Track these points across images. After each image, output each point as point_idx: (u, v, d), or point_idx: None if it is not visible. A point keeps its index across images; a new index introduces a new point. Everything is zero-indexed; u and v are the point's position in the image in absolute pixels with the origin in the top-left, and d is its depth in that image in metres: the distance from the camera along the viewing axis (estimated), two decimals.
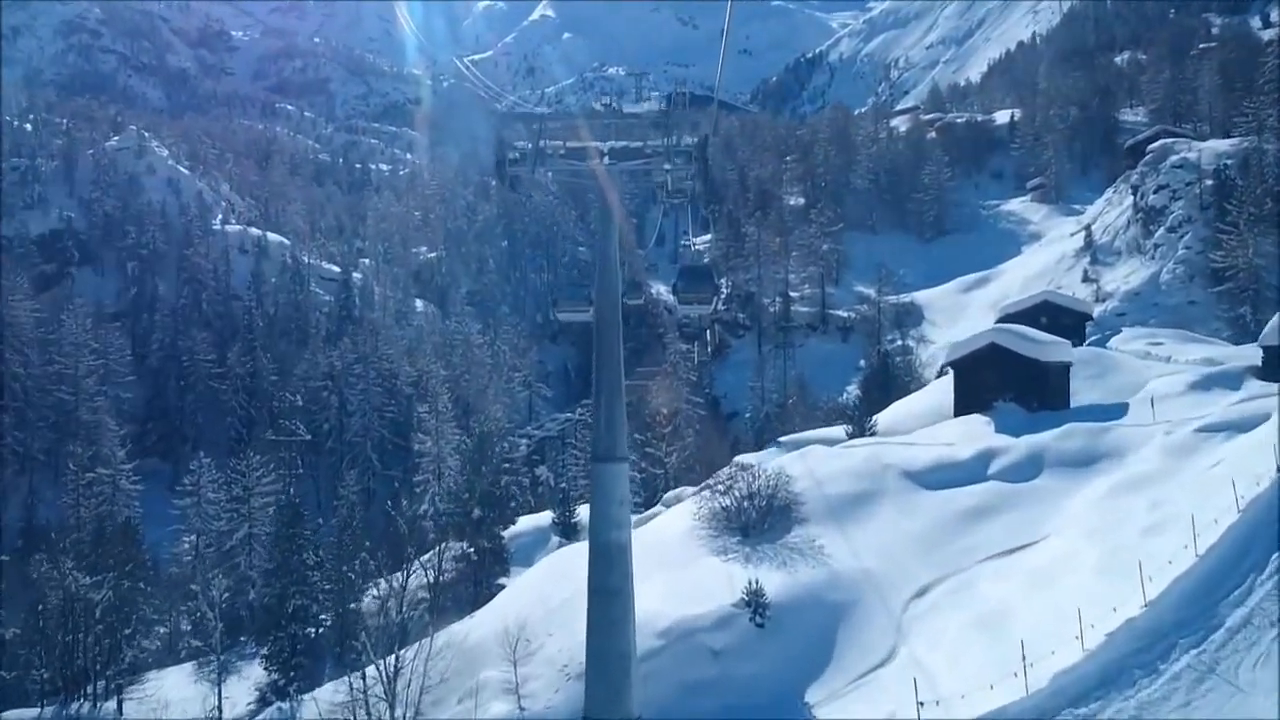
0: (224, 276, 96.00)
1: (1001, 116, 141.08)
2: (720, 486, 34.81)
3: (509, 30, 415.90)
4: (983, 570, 28.13)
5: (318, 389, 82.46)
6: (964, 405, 38.95)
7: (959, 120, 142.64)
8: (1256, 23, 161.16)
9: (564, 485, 72.04)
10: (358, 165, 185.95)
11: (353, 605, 38.74)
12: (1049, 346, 40.30)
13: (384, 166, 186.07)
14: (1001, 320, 61.34)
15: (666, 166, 18.86)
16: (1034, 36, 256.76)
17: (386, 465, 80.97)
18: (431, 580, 41.31)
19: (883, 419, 46.89)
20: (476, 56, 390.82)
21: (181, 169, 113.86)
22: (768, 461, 41.41)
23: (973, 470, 33.12)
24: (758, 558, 30.02)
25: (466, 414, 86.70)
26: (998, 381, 37.88)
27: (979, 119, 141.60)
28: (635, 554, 27.96)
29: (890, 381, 70.39)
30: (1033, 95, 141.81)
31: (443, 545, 41.29)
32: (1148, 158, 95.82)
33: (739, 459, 44.12)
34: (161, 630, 53.45)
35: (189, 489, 62.25)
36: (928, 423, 43.95)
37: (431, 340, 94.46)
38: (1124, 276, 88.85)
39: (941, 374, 65.57)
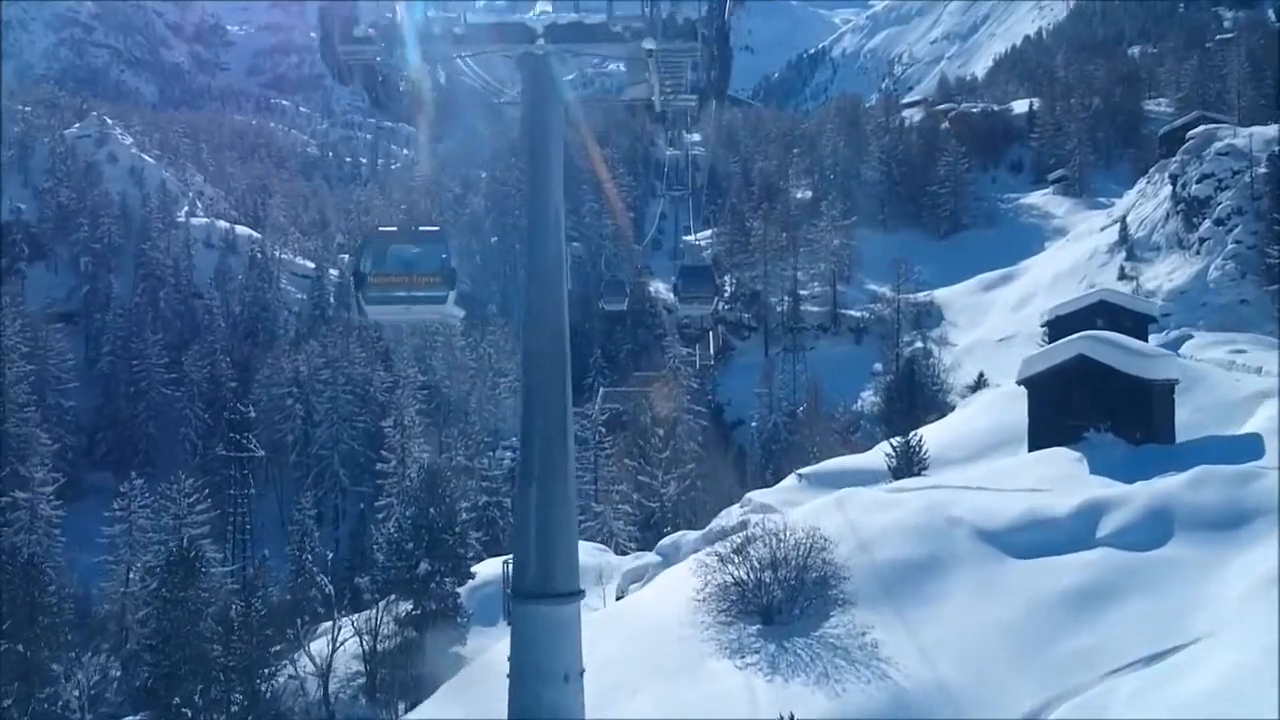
0: (185, 272, 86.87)
1: (1019, 106, 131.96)
2: (729, 544, 25.88)
3: None
4: (1115, 690, 19.16)
5: (281, 396, 73.58)
6: (1043, 434, 29.90)
7: (974, 110, 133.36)
8: (1270, 15, 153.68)
9: None
10: (348, 159, 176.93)
11: (263, 688, 29.89)
12: (1153, 360, 31.26)
13: (377, 160, 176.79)
14: (1051, 324, 52.32)
15: (649, 46, 9.75)
16: (1040, 31, 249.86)
17: (356, 480, 72.05)
18: (368, 649, 32.43)
19: (927, 443, 37.90)
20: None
21: (147, 158, 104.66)
22: (788, 503, 32.57)
23: (1075, 531, 24.09)
24: (787, 663, 21.05)
25: (448, 423, 78.01)
26: (1088, 404, 28.82)
27: (995, 109, 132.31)
28: (619, 648, 18.47)
29: (916, 390, 61.47)
30: (1050, 85, 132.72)
31: (382, 604, 32.41)
32: (1188, 145, 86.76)
33: (752, 497, 35.25)
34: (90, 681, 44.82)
35: (119, 514, 53.62)
36: (987, 452, 35.01)
37: (411, 342, 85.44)
38: (1166, 274, 79.81)
39: (979, 385, 56.59)
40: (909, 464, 31.40)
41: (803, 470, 35.95)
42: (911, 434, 33.19)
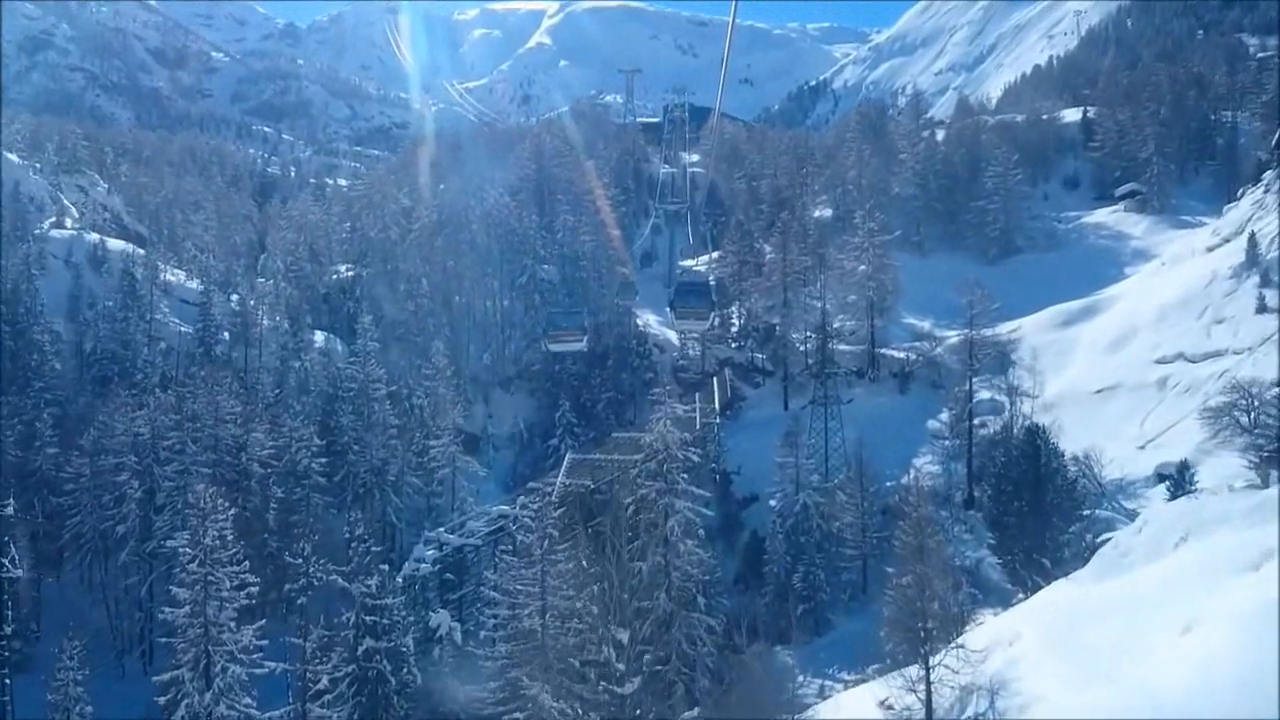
0: (27, 296, 63.64)
1: (1071, 114, 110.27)
2: None
3: (506, 57, 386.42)
4: None
5: (112, 469, 50.19)
6: None
7: (1017, 119, 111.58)
8: None
9: (477, 652, 39.66)
10: (312, 180, 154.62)
11: None
12: None
13: (341, 181, 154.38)
14: None
15: None
16: (1050, 60, 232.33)
17: None
18: None
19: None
20: (472, 83, 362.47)
21: (11, 156, 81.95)
22: None
23: None
24: None
25: (355, 504, 54.95)
26: None
27: (1043, 118, 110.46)
28: None
29: (1044, 477, 38.17)
30: (1110, 89, 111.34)
31: None
32: None
33: None
34: None
35: None
36: None
37: (319, 388, 62.28)
38: None
39: (1182, 481, 33.26)
40: None
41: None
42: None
